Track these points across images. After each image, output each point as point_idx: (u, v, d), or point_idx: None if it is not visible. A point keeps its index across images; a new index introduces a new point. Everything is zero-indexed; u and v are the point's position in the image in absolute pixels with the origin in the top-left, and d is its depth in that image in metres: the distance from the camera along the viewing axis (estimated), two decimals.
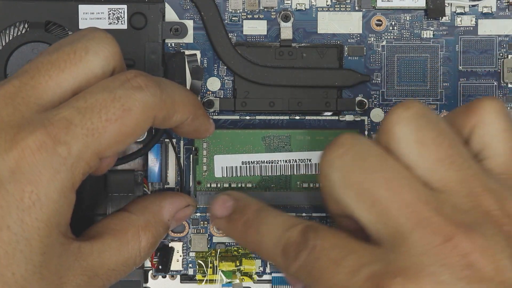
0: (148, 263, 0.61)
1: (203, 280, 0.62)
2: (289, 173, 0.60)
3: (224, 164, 0.60)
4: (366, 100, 0.62)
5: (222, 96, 0.62)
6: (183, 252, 0.62)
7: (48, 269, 0.46)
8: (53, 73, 0.47)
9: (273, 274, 0.62)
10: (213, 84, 0.62)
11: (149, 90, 0.48)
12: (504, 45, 0.62)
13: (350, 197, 0.46)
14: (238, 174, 0.60)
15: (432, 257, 0.43)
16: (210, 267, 0.62)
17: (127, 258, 0.51)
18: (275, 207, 0.61)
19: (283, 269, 0.50)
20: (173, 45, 0.62)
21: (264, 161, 0.60)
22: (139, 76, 0.48)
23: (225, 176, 0.60)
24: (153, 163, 0.61)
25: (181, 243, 0.62)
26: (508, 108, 0.62)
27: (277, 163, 0.60)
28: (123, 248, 0.51)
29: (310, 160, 0.60)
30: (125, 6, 0.60)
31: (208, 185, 0.60)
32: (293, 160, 0.60)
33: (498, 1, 0.62)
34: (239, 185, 0.60)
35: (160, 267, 0.61)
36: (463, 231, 0.43)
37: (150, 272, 0.62)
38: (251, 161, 0.60)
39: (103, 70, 0.48)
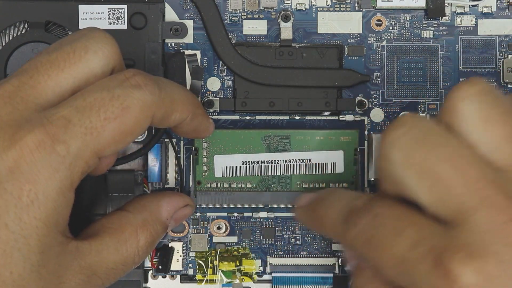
0: (148, 263, 0.61)
1: (203, 280, 0.62)
2: (289, 173, 0.60)
3: (224, 164, 0.60)
4: (366, 100, 0.62)
5: (222, 96, 0.62)
6: (183, 252, 0.62)
7: (47, 268, 0.46)
8: (52, 72, 0.47)
9: (273, 274, 0.62)
10: (213, 84, 0.62)
11: (147, 88, 0.48)
12: (504, 45, 0.62)
13: (411, 176, 0.45)
14: (238, 174, 0.60)
15: (496, 236, 0.43)
16: (210, 267, 0.62)
17: (125, 257, 0.51)
18: (275, 207, 0.61)
19: (341, 237, 0.50)
20: (173, 45, 0.62)
21: (264, 161, 0.60)
22: (138, 75, 0.48)
23: (225, 176, 0.60)
24: (153, 163, 0.61)
25: (181, 243, 0.62)
26: None
27: (277, 163, 0.60)
28: (121, 247, 0.51)
29: (310, 160, 0.60)
30: (125, 6, 0.60)
31: (208, 185, 0.60)
32: (293, 160, 0.60)
33: (498, 1, 0.62)
34: (239, 185, 0.60)
35: (160, 267, 0.61)
36: None
37: (150, 272, 0.62)
38: (251, 161, 0.60)
39: (103, 69, 0.48)
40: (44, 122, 0.45)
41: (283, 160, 0.60)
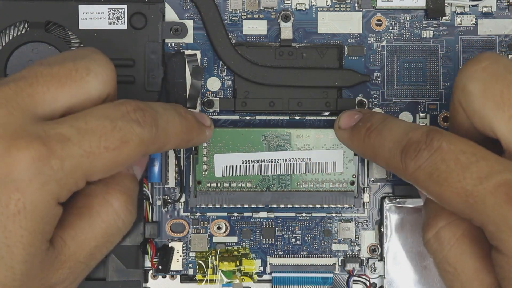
0: (148, 263, 0.61)
1: (203, 280, 0.62)
2: (289, 173, 0.60)
3: (224, 163, 0.60)
4: (366, 100, 0.62)
5: (222, 96, 0.62)
6: (183, 252, 0.62)
7: (29, 276, 0.46)
8: (52, 86, 0.47)
9: (273, 274, 0.62)
10: (213, 84, 0.62)
11: (146, 126, 0.48)
12: (504, 45, 0.62)
13: (489, 107, 0.46)
14: (238, 174, 0.60)
15: None
16: (210, 267, 0.62)
17: (105, 228, 0.50)
18: (275, 207, 0.61)
19: (400, 170, 0.50)
20: (173, 45, 0.62)
21: (264, 160, 0.60)
22: (138, 111, 0.48)
23: (225, 175, 0.60)
24: (153, 163, 0.61)
25: (181, 243, 0.62)
26: None
27: (277, 162, 0.60)
28: (95, 222, 0.50)
29: (310, 159, 0.60)
30: (125, 6, 0.60)
31: (208, 185, 0.60)
32: (293, 159, 0.60)
33: (498, 1, 0.62)
34: (239, 185, 0.60)
35: (160, 267, 0.61)
36: None
37: (150, 272, 0.62)
38: (251, 160, 0.60)
39: (99, 94, 0.48)
40: (42, 135, 0.45)
41: (283, 159, 0.60)
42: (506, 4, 0.62)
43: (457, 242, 0.49)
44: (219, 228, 0.62)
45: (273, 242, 0.62)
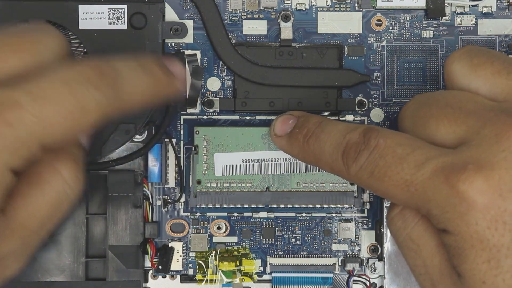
0: (148, 263, 0.61)
1: (203, 280, 0.62)
2: (289, 172, 0.60)
3: (224, 162, 0.60)
4: (366, 100, 0.62)
5: (222, 96, 0.62)
6: (183, 252, 0.62)
7: None
8: (1, 51, 0.45)
9: (273, 274, 0.62)
10: (213, 84, 0.62)
11: (106, 90, 0.45)
12: (504, 45, 0.62)
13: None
14: (238, 173, 0.60)
15: (504, 144, 0.44)
16: (210, 267, 0.62)
17: (55, 196, 0.47)
18: (275, 207, 0.61)
19: (343, 173, 0.51)
20: (173, 45, 0.62)
21: (264, 159, 0.60)
22: (97, 73, 0.45)
23: (225, 175, 0.60)
24: (153, 163, 0.61)
25: (181, 243, 0.62)
26: None
27: (277, 161, 0.60)
28: (44, 190, 0.47)
29: None
30: (125, 6, 0.60)
31: (208, 185, 0.60)
32: (293, 158, 0.60)
33: (498, 1, 0.62)
34: (239, 185, 0.60)
35: (160, 267, 0.61)
36: None
37: (150, 272, 0.62)
38: (251, 159, 0.60)
39: (54, 55, 0.46)
40: None
41: (283, 159, 0.60)
42: (506, 4, 0.62)
43: (421, 219, 0.49)
44: (219, 228, 0.62)
45: (273, 242, 0.62)
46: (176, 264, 0.62)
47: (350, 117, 0.62)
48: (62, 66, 0.46)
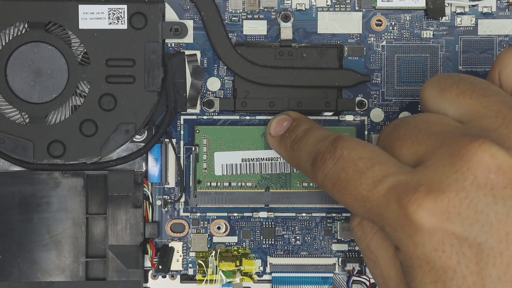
0: (148, 263, 0.61)
1: (203, 280, 0.62)
2: (289, 171, 0.60)
3: (224, 161, 0.60)
4: (366, 100, 0.62)
5: (222, 96, 0.62)
6: (183, 252, 0.62)
7: None
8: None
9: (273, 274, 0.62)
10: (213, 84, 0.62)
11: None
12: (504, 45, 0.62)
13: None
14: (238, 172, 0.60)
15: (457, 165, 0.44)
16: (210, 267, 0.62)
17: None
18: (275, 207, 0.61)
19: (314, 180, 0.52)
20: (173, 45, 0.62)
21: (264, 158, 0.60)
22: None
23: (225, 174, 0.60)
24: (153, 163, 0.61)
25: (181, 243, 0.62)
26: None
27: (277, 160, 0.60)
28: None
29: None
30: (125, 6, 0.60)
31: (208, 184, 0.60)
32: None
33: (498, 1, 0.62)
34: (239, 184, 0.60)
35: (160, 267, 0.61)
36: (488, 143, 0.44)
37: (150, 272, 0.62)
38: (251, 158, 0.60)
39: None
40: None
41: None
42: (506, 4, 0.62)
43: (378, 232, 0.50)
44: (219, 228, 0.62)
45: (273, 242, 0.62)
46: (176, 264, 0.62)
47: (350, 117, 0.62)
48: None
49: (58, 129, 0.60)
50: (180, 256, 0.62)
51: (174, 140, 0.62)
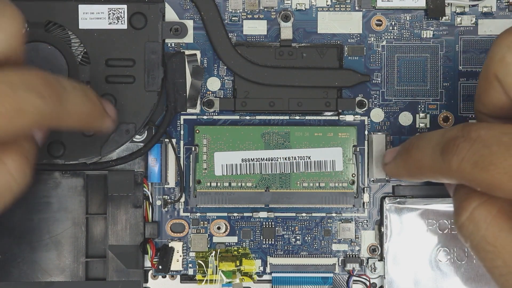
0: (148, 263, 0.61)
1: (203, 280, 0.62)
2: (289, 171, 0.60)
3: (224, 161, 0.60)
4: (366, 100, 0.62)
5: (222, 96, 0.62)
6: (183, 252, 0.62)
7: None
8: None
9: (273, 274, 0.62)
10: (213, 84, 0.62)
11: (49, 101, 0.46)
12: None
13: None
14: (238, 172, 0.60)
15: None
16: (210, 267, 0.62)
17: None
18: (275, 207, 0.61)
19: (445, 171, 0.49)
20: (173, 45, 0.62)
21: (264, 158, 0.60)
22: (45, 84, 0.46)
23: (225, 174, 0.60)
24: (153, 163, 0.61)
25: (181, 243, 0.62)
26: None
27: (277, 160, 0.60)
28: None
29: (309, 158, 0.60)
30: (125, 6, 0.60)
31: (208, 184, 0.60)
32: (292, 157, 0.60)
33: (498, 1, 0.62)
34: (239, 184, 0.60)
35: (160, 267, 0.61)
36: None
37: (150, 272, 0.62)
38: (251, 159, 0.60)
39: (2, 50, 0.47)
40: None
41: (283, 158, 0.60)
42: (506, 4, 0.62)
43: (494, 220, 0.48)
44: (219, 228, 0.62)
45: (273, 242, 0.62)
46: (176, 264, 0.62)
47: (350, 117, 0.62)
48: (12, 69, 0.46)
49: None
50: (180, 256, 0.62)
51: (174, 140, 0.62)
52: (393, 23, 0.62)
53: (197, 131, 0.61)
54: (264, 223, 0.62)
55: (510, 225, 0.47)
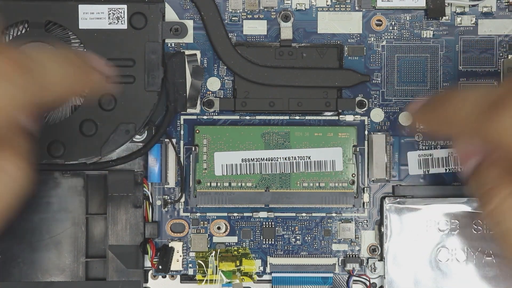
0: (148, 263, 0.61)
1: (203, 280, 0.62)
2: (289, 171, 0.60)
3: (224, 161, 0.60)
4: (366, 100, 0.62)
5: (222, 96, 0.62)
6: (183, 252, 0.62)
7: None
8: None
9: (273, 274, 0.62)
10: (213, 84, 0.62)
11: (20, 83, 0.42)
12: (504, 45, 0.62)
13: None
14: (238, 172, 0.60)
15: None
16: (210, 267, 0.62)
17: None
18: (275, 207, 0.61)
19: (484, 131, 0.44)
20: (173, 45, 0.62)
21: (264, 158, 0.60)
22: (14, 68, 0.42)
23: (225, 174, 0.60)
24: (153, 163, 0.61)
25: (181, 243, 0.62)
26: None
27: (277, 160, 0.60)
28: None
29: (309, 158, 0.60)
30: (125, 6, 0.60)
31: (208, 184, 0.60)
32: (292, 157, 0.60)
33: (498, 1, 0.62)
34: (239, 184, 0.60)
35: (160, 267, 0.61)
36: None
37: (150, 272, 0.62)
38: (251, 159, 0.60)
39: None
40: None
41: (283, 158, 0.60)
42: (506, 4, 0.62)
43: None
44: (219, 228, 0.62)
45: (273, 242, 0.62)
46: (176, 264, 0.62)
47: (350, 117, 0.62)
48: None
49: (58, 129, 0.60)
50: (180, 256, 0.62)
51: (174, 140, 0.62)
52: (393, 23, 0.62)
53: (197, 131, 0.61)
54: (264, 223, 0.62)
55: None
